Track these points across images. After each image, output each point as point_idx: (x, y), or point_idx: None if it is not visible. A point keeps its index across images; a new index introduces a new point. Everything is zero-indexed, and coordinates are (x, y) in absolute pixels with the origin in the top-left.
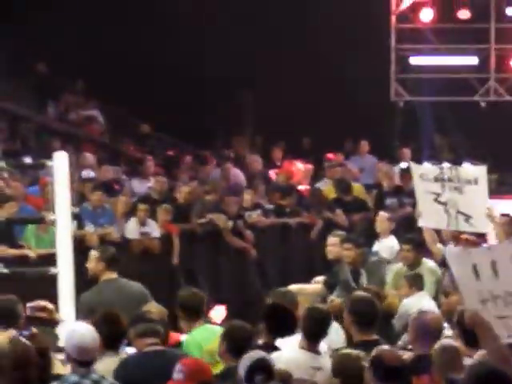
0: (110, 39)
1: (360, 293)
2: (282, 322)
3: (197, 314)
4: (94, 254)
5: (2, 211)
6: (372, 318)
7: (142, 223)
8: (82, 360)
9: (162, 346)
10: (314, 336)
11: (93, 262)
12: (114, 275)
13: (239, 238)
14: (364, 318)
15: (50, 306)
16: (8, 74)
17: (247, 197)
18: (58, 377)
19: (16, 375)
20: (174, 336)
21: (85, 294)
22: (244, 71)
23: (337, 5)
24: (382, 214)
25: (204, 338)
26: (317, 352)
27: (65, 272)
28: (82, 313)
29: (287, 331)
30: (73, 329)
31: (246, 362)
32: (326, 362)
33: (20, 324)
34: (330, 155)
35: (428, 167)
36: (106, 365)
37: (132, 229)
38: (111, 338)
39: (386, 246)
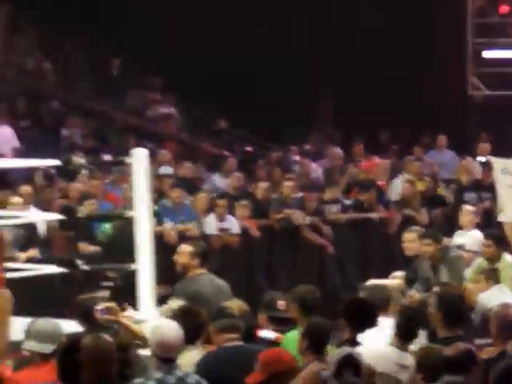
0: (187, 36)
1: (448, 288)
2: (364, 317)
3: (309, 311)
4: (186, 248)
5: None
6: (460, 313)
7: (221, 219)
8: (165, 357)
9: (242, 341)
10: (406, 335)
11: (186, 256)
12: (204, 270)
13: (318, 233)
14: (452, 313)
15: (115, 307)
16: (86, 73)
17: (326, 192)
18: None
19: (98, 370)
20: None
21: (179, 284)
22: (323, 68)
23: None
24: (467, 207)
25: None
26: (406, 351)
27: (145, 268)
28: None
29: (368, 326)
30: (156, 325)
31: (335, 358)
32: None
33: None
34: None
35: (509, 161)
36: (187, 359)
37: (211, 225)
38: (191, 332)
39: (474, 238)
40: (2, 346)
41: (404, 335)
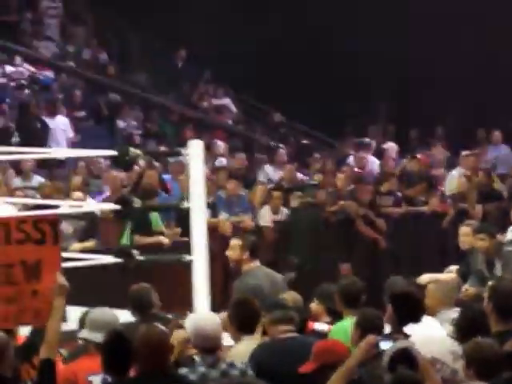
0: (246, 29)
1: (502, 282)
2: (411, 311)
3: (356, 302)
4: (236, 242)
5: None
6: None
7: (275, 211)
8: (206, 347)
9: (296, 333)
10: (467, 335)
11: (236, 250)
12: (257, 263)
13: (372, 226)
14: (506, 307)
15: None
16: (144, 64)
17: (385, 186)
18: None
19: (153, 360)
20: (310, 324)
21: (237, 282)
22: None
23: None
24: None
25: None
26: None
27: (199, 260)
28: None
29: (415, 320)
30: (194, 317)
31: (390, 352)
32: None
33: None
34: None
35: None
36: (242, 348)
37: (265, 217)
38: (246, 323)
39: None
40: (57, 334)
41: (466, 335)
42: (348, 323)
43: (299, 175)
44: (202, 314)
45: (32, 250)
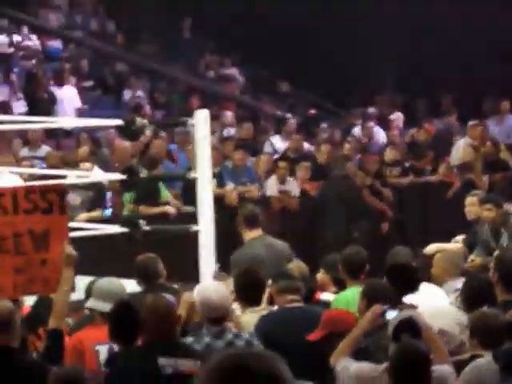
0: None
1: (508, 252)
2: (406, 281)
3: (357, 272)
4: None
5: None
6: None
7: (282, 181)
8: (211, 317)
9: (302, 302)
10: (474, 305)
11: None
12: (258, 233)
13: (378, 196)
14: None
15: None
16: (152, 33)
17: (388, 154)
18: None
19: (160, 329)
20: (317, 294)
21: (236, 253)
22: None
23: None
24: None
25: (355, 297)
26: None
27: (206, 230)
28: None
29: (410, 291)
30: (200, 287)
31: (394, 322)
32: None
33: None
34: None
35: None
36: (248, 319)
37: (272, 187)
38: (251, 293)
39: None
40: (65, 305)
41: (471, 305)
42: (351, 293)
43: (306, 145)
44: (209, 284)
45: (40, 219)
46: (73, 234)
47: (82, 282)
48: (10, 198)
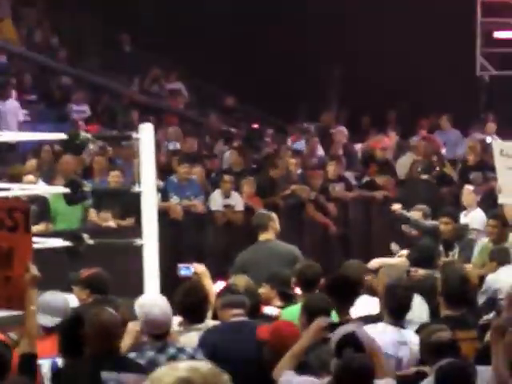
0: (195, 13)
1: (453, 267)
2: (346, 295)
3: (312, 286)
4: None
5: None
6: (463, 293)
7: (226, 195)
8: (154, 333)
9: (247, 316)
10: (397, 312)
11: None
12: (270, 236)
13: (322, 210)
14: (455, 292)
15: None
16: (95, 48)
17: (331, 169)
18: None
19: (101, 344)
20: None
21: (241, 253)
22: (331, 46)
23: None
24: (467, 187)
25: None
26: (402, 327)
27: (150, 244)
28: (236, 272)
29: (350, 303)
30: (143, 302)
31: (337, 336)
32: (411, 337)
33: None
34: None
35: (509, 144)
36: (191, 336)
37: (216, 201)
38: (194, 311)
39: (476, 217)
40: (35, 327)
41: (395, 312)
42: (299, 307)
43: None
44: (151, 298)
45: (5, 237)
46: None
47: None
48: None
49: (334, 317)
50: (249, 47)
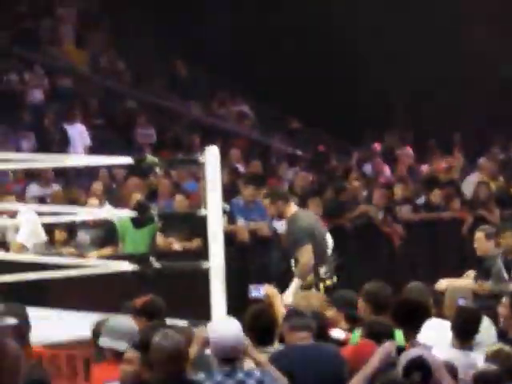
0: (260, 35)
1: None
2: (415, 319)
3: (383, 309)
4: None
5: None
6: None
7: None
8: (224, 358)
9: (313, 339)
10: (465, 334)
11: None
12: (295, 208)
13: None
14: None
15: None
16: (158, 72)
17: (397, 191)
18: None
19: (167, 368)
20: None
21: (291, 225)
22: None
23: None
24: None
25: None
26: (470, 349)
27: (216, 266)
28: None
29: (417, 327)
30: (213, 325)
31: (404, 360)
32: (479, 359)
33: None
34: None
35: None
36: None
37: (282, 224)
38: (264, 332)
39: None
40: None
41: (463, 335)
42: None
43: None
44: (223, 322)
45: None
46: (83, 271)
47: (90, 319)
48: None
49: (400, 341)
50: (309, 70)
